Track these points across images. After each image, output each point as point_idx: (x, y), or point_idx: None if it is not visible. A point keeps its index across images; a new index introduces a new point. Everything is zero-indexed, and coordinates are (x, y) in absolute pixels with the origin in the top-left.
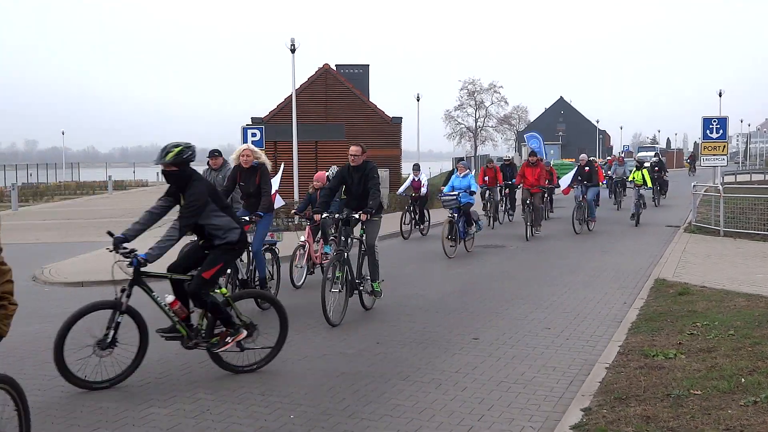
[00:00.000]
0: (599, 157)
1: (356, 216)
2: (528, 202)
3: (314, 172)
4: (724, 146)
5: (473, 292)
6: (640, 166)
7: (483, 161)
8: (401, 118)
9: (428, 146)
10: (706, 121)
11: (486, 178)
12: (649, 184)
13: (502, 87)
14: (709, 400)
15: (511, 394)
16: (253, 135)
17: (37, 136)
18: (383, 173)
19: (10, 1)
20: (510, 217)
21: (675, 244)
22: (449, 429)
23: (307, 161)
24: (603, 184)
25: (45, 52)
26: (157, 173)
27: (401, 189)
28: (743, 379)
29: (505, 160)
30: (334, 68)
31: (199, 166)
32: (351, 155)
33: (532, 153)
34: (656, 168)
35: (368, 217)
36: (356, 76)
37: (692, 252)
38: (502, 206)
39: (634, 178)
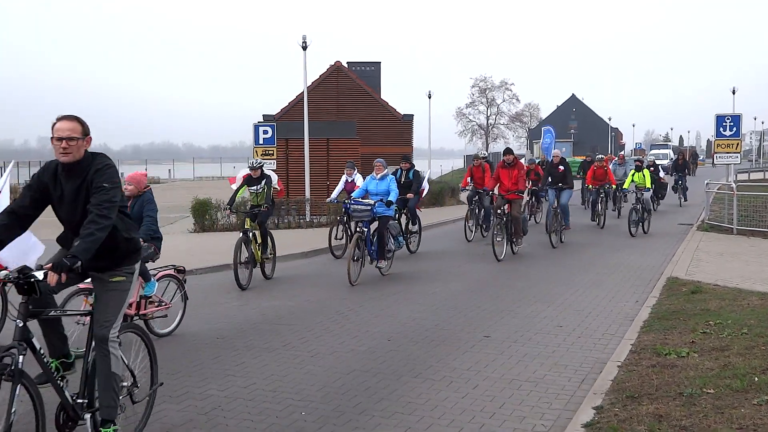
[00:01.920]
0: (611, 154)
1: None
2: (500, 211)
3: (325, 170)
4: (738, 144)
5: (484, 291)
6: (640, 166)
7: (496, 158)
8: (413, 115)
9: (440, 144)
10: (720, 119)
11: (470, 180)
12: (648, 185)
13: (513, 84)
14: (722, 398)
15: (523, 392)
16: (265, 132)
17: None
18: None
19: (24, 0)
20: (484, 231)
21: (688, 243)
22: (460, 426)
23: (319, 159)
24: (612, 186)
25: (58, 50)
26: (170, 170)
27: (333, 195)
28: (756, 378)
29: (482, 158)
30: (346, 66)
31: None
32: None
33: (507, 151)
34: (651, 168)
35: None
36: (368, 74)
37: (705, 250)
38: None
39: (634, 180)
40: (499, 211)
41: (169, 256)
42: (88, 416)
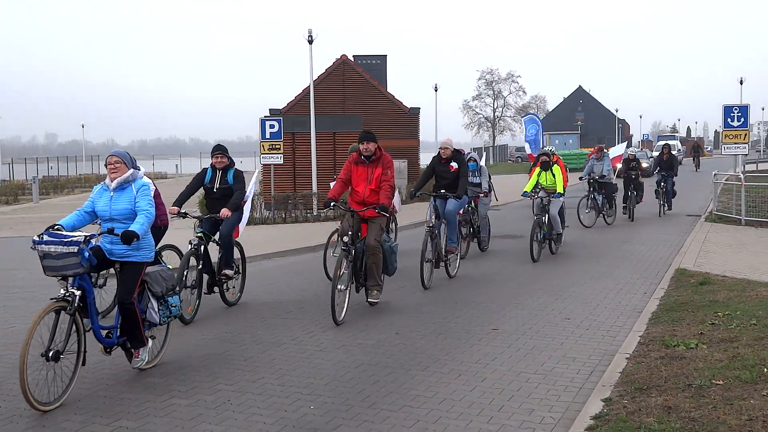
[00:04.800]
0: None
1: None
2: (346, 238)
3: (332, 164)
4: (746, 134)
5: (492, 283)
6: (547, 162)
7: (503, 151)
8: (419, 108)
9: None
10: (727, 109)
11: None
12: (559, 189)
13: (520, 76)
14: (731, 390)
15: (531, 384)
16: (271, 126)
17: (57, 129)
18: (401, 164)
19: None
20: None
21: (696, 234)
22: (469, 419)
23: (325, 152)
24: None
25: (65, 47)
26: (176, 165)
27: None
28: (766, 369)
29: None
30: (352, 59)
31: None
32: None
33: (366, 137)
34: (632, 165)
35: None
36: (374, 67)
37: (713, 241)
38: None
39: (539, 180)
40: (345, 238)
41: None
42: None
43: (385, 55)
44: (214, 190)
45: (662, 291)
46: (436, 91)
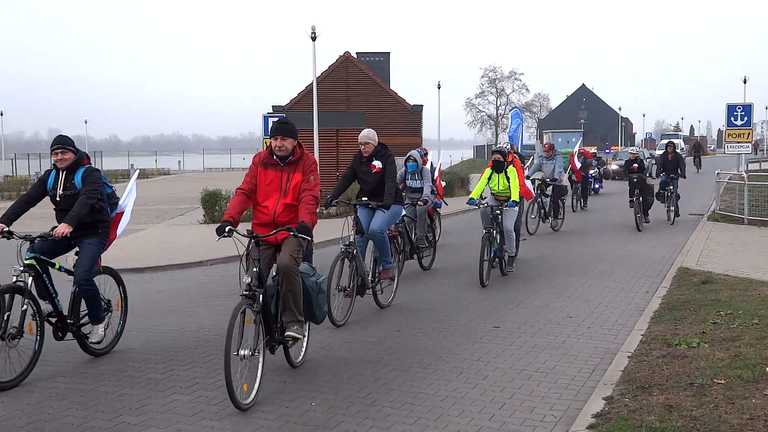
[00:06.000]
0: (621, 145)
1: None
2: (248, 281)
3: (335, 161)
4: (749, 133)
5: (493, 282)
6: (500, 162)
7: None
8: (422, 106)
9: (449, 134)
10: (731, 108)
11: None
12: (514, 196)
13: (523, 74)
14: (733, 389)
15: (533, 382)
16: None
17: (61, 125)
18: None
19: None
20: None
21: (698, 233)
22: (470, 417)
23: (328, 149)
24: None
25: (68, 43)
26: (179, 161)
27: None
28: (767, 368)
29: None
30: (355, 56)
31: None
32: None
33: (281, 128)
34: (635, 165)
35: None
36: (377, 64)
37: (716, 240)
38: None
39: (489, 186)
40: (246, 279)
41: (179, 247)
42: None
43: (389, 53)
44: (57, 198)
45: (664, 290)
46: (439, 88)
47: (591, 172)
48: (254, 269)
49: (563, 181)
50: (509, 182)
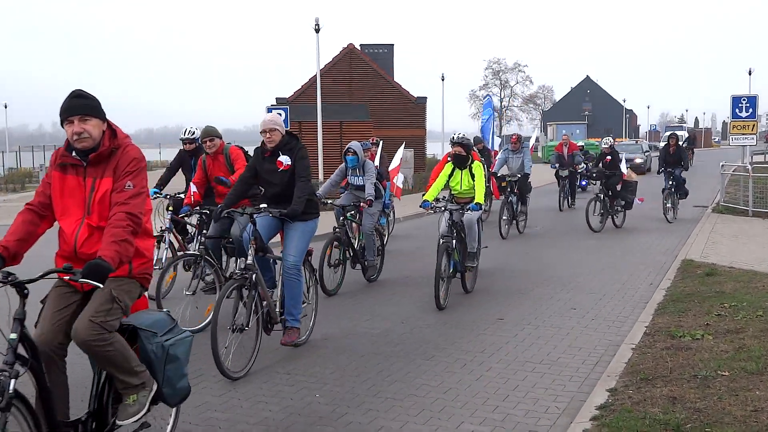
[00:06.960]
0: (625, 137)
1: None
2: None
3: (339, 153)
4: (754, 125)
5: (497, 273)
6: (462, 157)
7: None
8: (426, 98)
9: (453, 126)
10: (736, 100)
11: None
12: (479, 198)
13: (527, 66)
14: (737, 381)
15: (537, 374)
16: (278, 115)
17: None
18: (407, 154)
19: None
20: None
21: (703, 225)
22: (474, 409)
23: (332, 141)
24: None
25: (71, 37)
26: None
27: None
28: None
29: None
30: (359, 48)
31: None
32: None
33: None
34: (609, 158)
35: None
36: (381, 56)
37: (720, 232)
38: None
39: (450, 185)
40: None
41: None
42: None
43: (392, 44)
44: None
45: (668, 282)
46: (442, 80)
47: (578, 168)
48: (12, 336)
49: (529, 174)
50: (473, 181)
